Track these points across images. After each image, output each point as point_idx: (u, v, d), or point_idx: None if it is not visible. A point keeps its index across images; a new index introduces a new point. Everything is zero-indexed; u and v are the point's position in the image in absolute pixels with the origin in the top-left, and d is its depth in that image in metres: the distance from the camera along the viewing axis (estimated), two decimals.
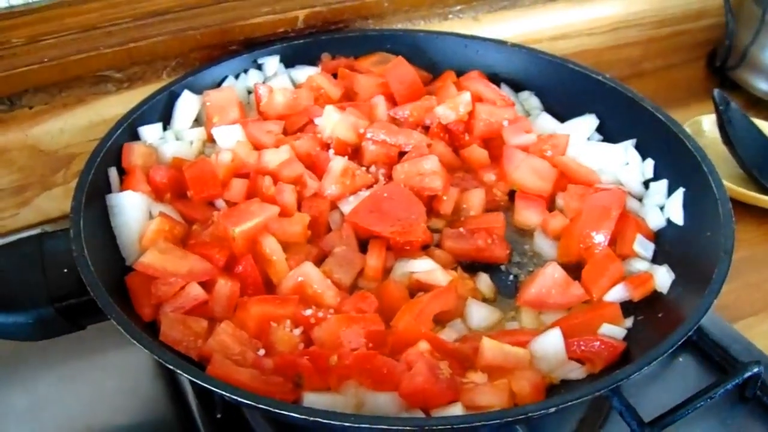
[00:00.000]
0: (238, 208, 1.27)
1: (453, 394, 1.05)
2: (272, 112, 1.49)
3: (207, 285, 1.17)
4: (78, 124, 1.52)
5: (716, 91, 1.68)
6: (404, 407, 1.04)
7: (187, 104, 1.46)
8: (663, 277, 1.27)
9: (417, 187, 1.36)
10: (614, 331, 1.18)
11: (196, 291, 1.15)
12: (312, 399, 1.04)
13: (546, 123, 1.57)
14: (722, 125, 1.68)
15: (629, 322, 1.22)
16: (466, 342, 1.16)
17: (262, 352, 1.11)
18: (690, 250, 1.28)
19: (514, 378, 1.08)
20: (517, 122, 1.50)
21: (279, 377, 1.06)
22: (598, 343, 1.14)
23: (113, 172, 1.31)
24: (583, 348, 1.14)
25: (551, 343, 1.14)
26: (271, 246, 1.23)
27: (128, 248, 1.23)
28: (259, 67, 1.58)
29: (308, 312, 1.16)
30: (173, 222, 1.26)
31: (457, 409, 1.03)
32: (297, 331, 1.14)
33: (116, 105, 1.51)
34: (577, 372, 1.14)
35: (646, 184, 1.45)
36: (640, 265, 1.32)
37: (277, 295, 1.21)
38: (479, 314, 1.24)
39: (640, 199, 1.44)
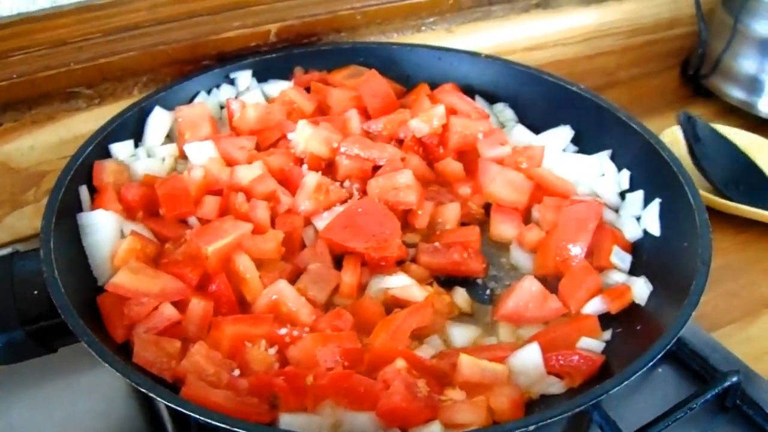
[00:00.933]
0: (210, 226, 1.26)
1: (431, 412, 1.04)
2: (245, 128, 1.47)
3: (180, 305, 1.15)
4: (48, 141, 1.50)
5: (682, 114, 1.67)
6: (382, 426, 1.02)
7: (159, 120, 1.45)
8: (641, 289, 1.26)
9: (391, 201, 1.35)
10: (592, 344, 1.18)
11: (169, 311, 1.14)
12: (288, 420, 1.02)
13: (521, 135, 1.57)
14: (690, 147, 1.67)
15: (607, 334, 1.22)
16: (444, 358, 1.15)
17: (236, 372, 1.09)
18: (667, 261, 1.28)
19: (492, 394, 1.07)
20: (492, 134, 1.50)
21: (254, 398, 1.05)
22: (576, 357, 1.14)
23: (84, 191, 1.29)
24: (561, 362, 1.14)
25: (529, 358, 1.13)
26: (244, 264, 1.21)
27: (100, 268, 1.21)
28: (232, 82, 1.57)
29: (283, 331, 1.14)
30: (145, 241, 1.24)
31: (435, 428, 1.02)
32: (272, 351, 1.13)
33: (87, 121, 1.49)
34: (556, 387, 1.13)
35: (622, 195, 1.45)
36: (617, 277, 1.31)
37: (252, 313, 1.19)
38: (462, 335, 1.24)
39: (617, 210, 1.44)
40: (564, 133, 1.54)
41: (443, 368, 1.13)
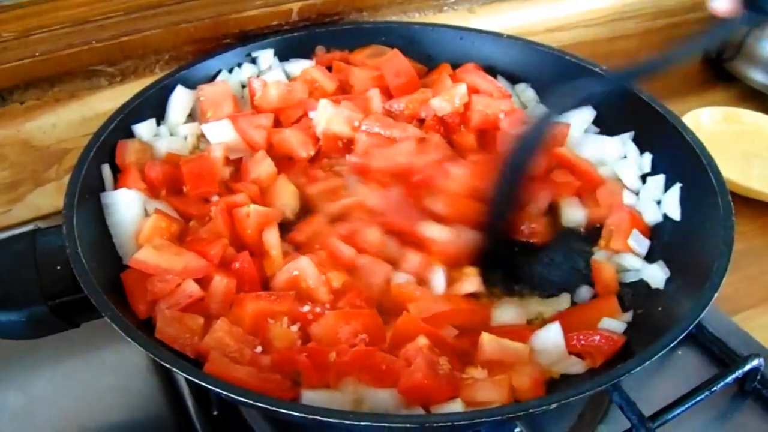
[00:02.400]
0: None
1: (452, 389, 1.04)
2: (266, 106, 1.48)
3: (203, 282, 1.16)
4: (70, 119, 1.50)
5: None
6: (403, 404, 1.03)
7: (181, 99, 1.45)
8: (656, 275, 1.27)
9: None
10: (614, 325, 1.18)
11: (191, 288, 1.14)
12: (310, 396, 1.02)
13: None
14: None
15: (629, 316, 1.22)
16: (466, 336, 1.15)
17: (259, 349, 1.10)
18: (689, 243, 1.27)
19: (514, 373, 1.07)
20: (514, 114, 1.49)
21: (277, 374, 1.05)
22: (597, 337, 1.13)
23: (106, 169, 1.29)
24: (582, 342, 1.14)
25: (551, 338, 1.14)
26: (271, 240, 1.23)
27: (124, 246, 1.22)
28: (254, 61, 1.57)
29: (306, 308, 1.15)
30: (170, 219, 1.25)
31: (456, 405, 1.02)
32: (294, 328, 1.13)
33: (109, 99, 1.49)
34: (577, 366, 1.13)
35: (643, 178, 1.44)
36: (633, 261, 1.31)
37: (271, 288, 1.20)
38: (508, 313, 1.24)
39: (638, 193, 1.43)
40: (586, 114, 1.53)
41: (465, 347, 1.13)
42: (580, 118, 1.52)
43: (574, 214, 1.41)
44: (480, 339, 1.11)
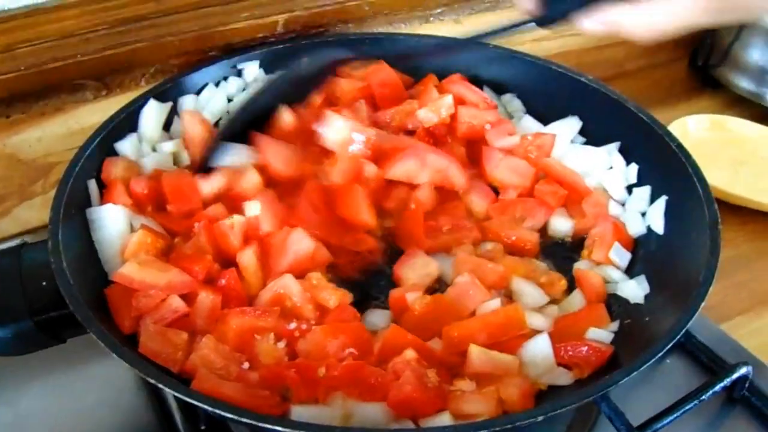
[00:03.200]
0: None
1: (441, 402, 1.04)
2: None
3: (188, 297, 1.16)
4: (56, 132, 1.50)
5: None
6: (393, 417, 1.02)
7: (152, 113, 1.44)
8: (634, 290, 1.27)
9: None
10: (601, 335, 1.18)
11: (177, 303, 1.14)
12: (299, 411, 1.02)
13: (529, 125, 1.57)
14: None
15: (616, 325, 1.22)
16: (453, 349, 1.15)
17: (246, 365, 1.09)
18: (676, 252, 1.27)
19: (502, 385, 1.07)
20: (500, 125, 1.50)
21: (266, 390, 1.04)
22: (585, 348, 1.13)
23: (93, 185, 1.29)
24: (570, 353, 1.13)
25: (539, 349, 1.13)
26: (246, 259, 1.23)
27: (110, 262, 1.21)
28: (239, 73, 1.57)
29: (293, 325, 1.14)
30: (155, 234, 1.24)
31: (445, 418, 1.02)
32: (281, 344, 1.13)
33: (95, 113, 1.49)
34: (564, 378, 1.13)
35: (629, 189, 1.45)
36: (613, 274, 1.32)
37: (256, 306, 1.20)
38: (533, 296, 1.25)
39: (624, 204, 1.43)
40: (572, 124, 1.53)
41: (453, 359, 1.13)
42: (567, 129, 1.53)
43: (561, 225, 1.41)
44: (468, 351, 1.11)
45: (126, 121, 1.39)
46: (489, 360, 1.10)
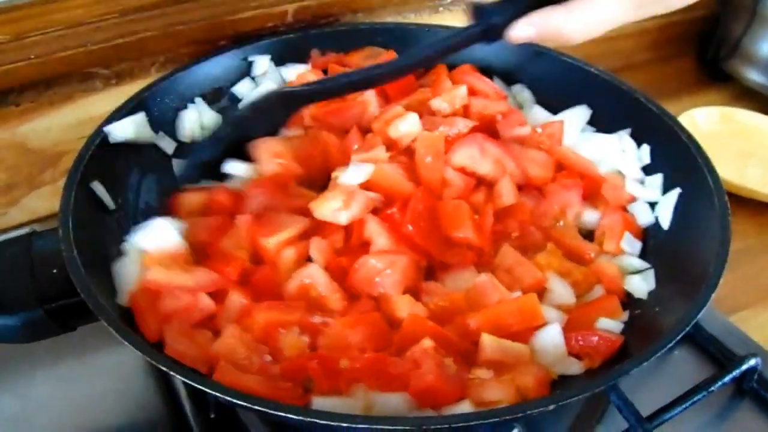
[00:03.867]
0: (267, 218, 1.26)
1: (461, 390, 1.04)
2: None
3: (216, 295, 1.15)
4: (66, 121, 1.50)
5: None
6: (414, 406, 1.02)
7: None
8: (639, 285, 1.26)
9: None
10: (611, 325, 1.17)
11: (204, 303, 1.13)
12: (321, 403, 1.02)
13: (539, 115, 1.56)
14: None
15: (625, 316, 1.21)
16: (467, 338, 1.14)
17: (268, 358, 1.09)
18: (686, 244, 1.27)
19: (518, 373, 1.07)
20: (511, 115, 1.49)
21: (288, 382, 1.04)
22: (596, 338, 1.13)
23: (99, 188, 1.27)
24: (581, 343, 1.13)
25: (551, 338, 1.13)
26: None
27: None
28: (249, 64, 1.56)
29: (317, 319, 1.13)
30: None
31: (465, 406, 1.02)
32: (305, 338, 1.12)
33: (104, 102, 1.48)
34: (575, 367, 1.13)
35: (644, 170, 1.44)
36: (632, 261, 1.31)
37: (282, 295, 1.19)
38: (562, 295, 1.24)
39: (642, 182, 1.43)
40: (582, 113, 1.53)
41: (467, 346, 1.12)
42: (577, 118, 1.52)
43: (589, 216, 1.39)
44: (480, 340, 1.11)
45: (136, 108, 1.39)
46: (501, 348, 1.10)
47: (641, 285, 1.26)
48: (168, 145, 1.43)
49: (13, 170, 1.50)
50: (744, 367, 1.20)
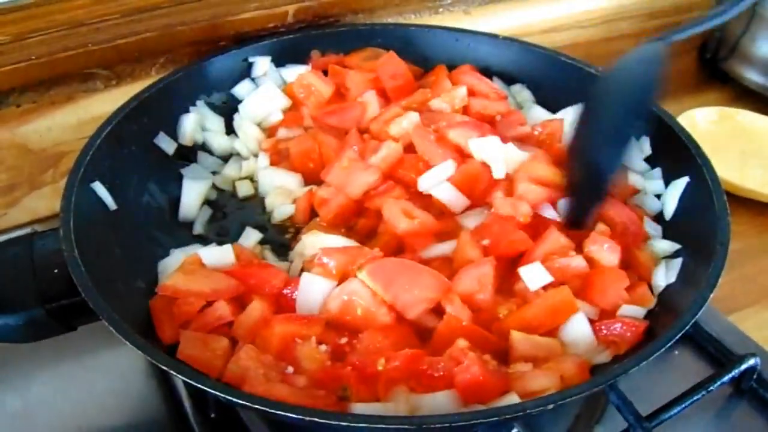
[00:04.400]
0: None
1: (506, 383, 1.04)
2: None
3: (235, 302, 1.16)
4: (67, 122, 1.50)
5: None
6: (461, 404, 1.02)
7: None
8: (659, 277, 1.26)
9: None
10: (634, 311, 1.17)
11: (222, 310, 1.13)
12: (362, 409, 1.01)
13: (539, 114, 1.57)
14: None
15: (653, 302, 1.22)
16: (497, 335, 1.14)
17: (290, 369, 1.07)
18: (685, 244, 1.27)
19: (556, 363, 1.08)
20: (511, 115, 1.49)
21: (321, 390, 1.03)
22: (619, 325, 1.13)
23: (100, 189, 1.27)
24: (605, 332, 1.13)
25: (578, 329, 1.13)
26: None
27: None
28: (249, 65, 1.57)
29: (344, 340, 1.11)
30: None
31: (512, 398, 1.02)
32: (323, 347, 1.10)
33: (105, 102, 1.49)
34: (603, 356, 1.13)
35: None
36: (660, 244, 1.31)
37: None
38: None
39: (643, 174, 1.43)
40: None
41: (503, 344, 1.12)
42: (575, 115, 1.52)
43: None
44: (510, 338, 1.11)
45: (137, 110, 1.39)
46: (531, 344, 1.10)
47: (660, 277, 1.25)
48: (168, 146, 1.43)
49: (14, 170, 1.50)
50: (743, 366, 1.21)
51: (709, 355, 1.31)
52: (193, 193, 1.43)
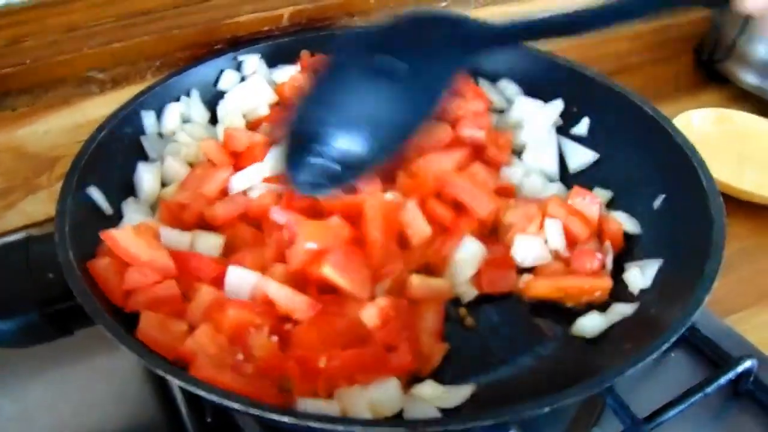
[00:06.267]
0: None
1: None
2: None
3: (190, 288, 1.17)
4: (62, 125, 1.50)
5: None
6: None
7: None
8: (635, 278, 1.28)
9: None
10: (624, 308, 1.25)
11: (170, 290, 1.14)
12: (307, 405, 1.02)
13: (527, 106, 1.58)
14: None
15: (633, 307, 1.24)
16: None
17: (240, 356, 1.08)
18: (681, 246, 1.27)
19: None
20: (479, 117, 1.50)
21: (263, 380, 1.04)
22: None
23: (96, 193, 1.27)
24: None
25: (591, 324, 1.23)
26: None
27: None
28: (239, 66, 1.57)
29: (288, 326, 1.13)
30: None
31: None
32: (274, 338, 1.11)
33: (101, 106, 1.49)
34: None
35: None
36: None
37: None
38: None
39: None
40: (556, 106, 1.56)
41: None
42: (549, 113, 1.55)
43: None
44: (409, 281, 1.21)
45: (132, 113, 1.39)
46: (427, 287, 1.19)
47: (637, 279, 1.28)
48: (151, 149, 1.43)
49: (10, 174, 1.50)
50: (740, 369, 1.20)
51: (705, 358, 1.30)
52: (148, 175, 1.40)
